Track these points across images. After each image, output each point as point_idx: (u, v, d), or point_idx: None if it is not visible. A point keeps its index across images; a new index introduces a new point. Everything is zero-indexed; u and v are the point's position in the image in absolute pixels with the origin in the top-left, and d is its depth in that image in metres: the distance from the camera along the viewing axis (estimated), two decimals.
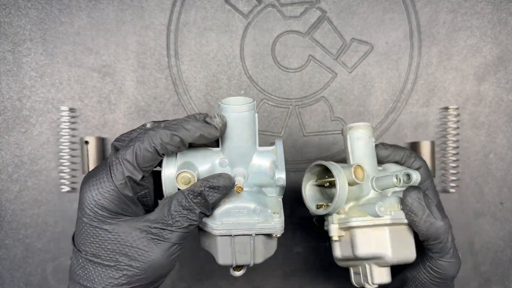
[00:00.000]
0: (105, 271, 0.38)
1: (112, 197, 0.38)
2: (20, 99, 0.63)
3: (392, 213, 0.44)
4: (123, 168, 0.39)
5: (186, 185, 0.40)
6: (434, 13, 0.64)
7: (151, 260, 0.39)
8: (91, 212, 0.39)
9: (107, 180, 0.39)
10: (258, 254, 0.44)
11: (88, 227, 0.39)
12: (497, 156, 0.65)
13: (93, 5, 0.63)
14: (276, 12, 0.64)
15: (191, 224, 0.40)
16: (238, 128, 0.41)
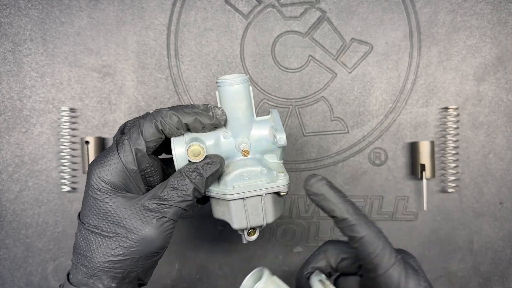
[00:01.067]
0: (104, 242, 0.41)
1: (117, 171, 0.42)
2: (21, 99, 0.63)
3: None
4: (130, 142, 0.42)
5: (196, 157, 0.44)
6: (434, 14, 0.64)
7: (145, 233, 0.41)
8: (96, 185, 0.42)
9: (113, 155, 0.42)
10: (269, 213, 0.47)
11: (92, 199, 0.42)
12: (496, 156, 0.65)
13: (93, 6, 0.63)
14: (276, 12, 0.64)
15: (185, 200, 0.42)
16: (235, 101, 0.45)
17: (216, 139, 0.46)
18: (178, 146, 0.45)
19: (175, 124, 0.43)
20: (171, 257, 0.65)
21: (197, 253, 0.66)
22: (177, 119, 0.43)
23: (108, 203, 0.42)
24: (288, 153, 0.65)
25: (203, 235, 0.66)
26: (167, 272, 0.66)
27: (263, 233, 0.66)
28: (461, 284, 0.66)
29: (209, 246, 0.65)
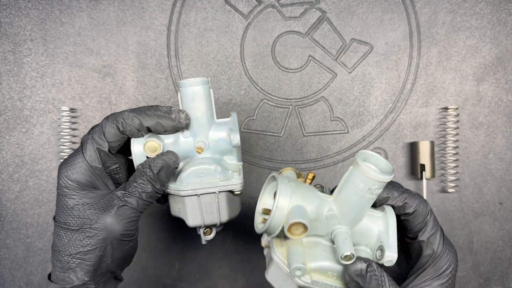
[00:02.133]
0: (73, 235, 0.43)
1: (82, 170, 0.44)
2: (21, 99, 0.63)
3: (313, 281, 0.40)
4: (93, 142, 0.45)
5: (153, 152, 0.46)
6: (434, 14, 0.64)
7: (107, 221, 0.43)
8: (63, 183, 0.44)
9: (79, 155, 0.45)
10: (223, 212, 0.48)
11: (61, 198, 0.44)
12: (496, 156, 0.65)
13: (93, 6, 0.63)
14: (276, 12, 0.64)
15: (144, 191, 0.45)
16: (194, 102, 0.47)
17: (175, 137, 0.48)
18: (137, 145, 0.46)
19: (136, 126, 0.45)
20: (171, 257, 0.65)
21: (197, 252, 0.66)
22: (138, 122, 0.45)
23: (75, 199, 0.44)
24: (288, 153, 0.65)
25: None
26: (167, 272, 0.66)
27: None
28: (461, 283, 0.66)
29: (209, 246, 0.66)
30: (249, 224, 0.66)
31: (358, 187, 0.39)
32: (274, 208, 0.39)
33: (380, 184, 0.39)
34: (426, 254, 0.43)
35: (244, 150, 0.65)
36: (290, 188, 0.40)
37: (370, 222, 0.42)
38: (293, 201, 0.39)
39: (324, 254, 0.41)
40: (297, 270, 0.39)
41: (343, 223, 0.41)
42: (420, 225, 0.43)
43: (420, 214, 0.43)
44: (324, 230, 0.41)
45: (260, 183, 0.65)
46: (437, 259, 0.43)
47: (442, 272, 0.43)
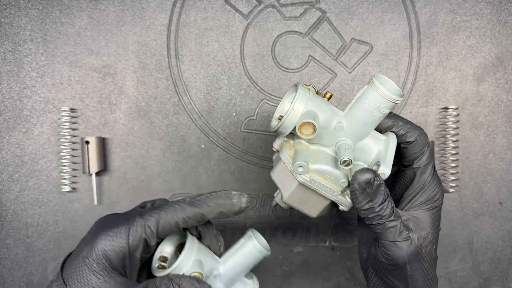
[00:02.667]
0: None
1: (121, 253, 0.41)
2: (21, 99, 0.63)
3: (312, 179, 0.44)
4: (143, 232, 0.42)
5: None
6: (434, 14, 0.64)
7: None
8: (97, 257, 0.41)
9: (124, 237, 0.42)
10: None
11: (86, 268, 0.40)
12: (496, 156, 0.65)
13: (93, 6, 0.63)
14: (276, 12, 0.64)
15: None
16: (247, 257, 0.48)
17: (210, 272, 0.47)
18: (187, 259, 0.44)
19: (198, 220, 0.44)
20: None
21: None
22: (200, 216, 0.44)
23: (100, 281, 0.40)
24: None
25: None
26: None
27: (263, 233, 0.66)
28: (461, 283, 0.66)
29: None
30: (249, 224, 0.66)
31: (369, 104, 0.43)
32: (290, 108, 0.43)
33: (389, 104, 0.43)
34: (418, 181, 0.47)
35: (244, 150, 0.65)
36: (307, 95, 0.44)
37: (372, 142, 0.46)
38: (308, 106, 0.43)
39: (326, 160, 0.45)
40: (299, 167, 0.43)
41: (348, 136, 0.45)
42: (417, 154, 0.47)
43: (419, 144, 0.47)
44: (330, 141, 0.45)
45: (260, 183, 0.65)
46: (426, 187, 0.47)
47: (430, 199, 0.47)
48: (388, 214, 0.44)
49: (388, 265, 0.46)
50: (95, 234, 0.42)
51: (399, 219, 0.45)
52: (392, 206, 0.45)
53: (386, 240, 0.44)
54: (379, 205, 0.44)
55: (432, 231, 0.47)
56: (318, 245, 0.66)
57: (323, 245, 0.66)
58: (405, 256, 0.44)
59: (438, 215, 0.48)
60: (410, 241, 0.44)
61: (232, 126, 0.65)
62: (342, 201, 0.46)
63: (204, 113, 0.65)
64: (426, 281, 0.47)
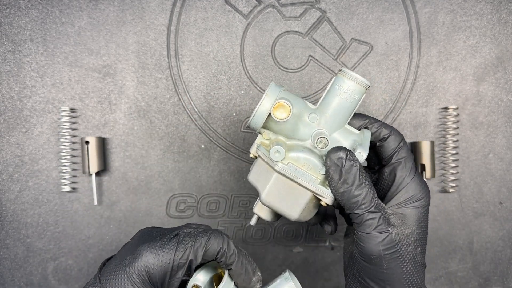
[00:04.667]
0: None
1: (164, 270, 0.40)
2: (21, 99, 0.63)
3: (290, 166, 0.44)
4: (191, 251, 0.41)
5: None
6: (434, 14, 0.64)
7: None
8: (138, 269, 0.40)
9: (170, 253, 0.41)
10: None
11: (126, 277, 0.40)
12: (496, 156, 0.65)
13: (93, 6, 0.63)
14: (276, 12, 0.64)
15: None
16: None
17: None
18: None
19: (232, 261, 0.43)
20: None
21: None
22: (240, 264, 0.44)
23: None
24: None
25: None
26: None
27: (263, 233, 0.66)
28: (461, 283, 0.66)
29: None
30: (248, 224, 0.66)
31: (341, 90, 0.45)
32: (262, 99, 0.44)
33: (360, 88, 0.45)
34: (400, 176, 0.46)
35: (244, 150, 0.65)
36: (279, 89, 0.45)
37: (347, 133, 0.46)
38: (281, 94, 0.44)
39: (303, 150, 0.45)
40: (276, 152, 0.43)
41: (323, 127, 0.46)
42: (393, 150, 0.47)
43: (393, 140, 0.47)
44: (306, 134, 0.46)
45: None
46: (410, 182, 0.46)
47: (415, 196, 0.45)
48: (367, 202, 0.42)
49: (364, 262, 0.44)
50: (140, 244, 0.41)
51: (379, 211, 0.43)
52: (373, 196, 0.43)
53: (363, 232, 0.43)
54: (356, 188, 0.42)
55: (417, 231, 0.45)
56: (318, 245, 0.66)
57: (323, 245, 0.66)
58: (380, 248, 0.42)
59: (424, 217, 0.46)
60: (387, 234, 0.43)
61: (232, 126, 0.65)
62: (322, 192, 0.44)
63: (204, 113, 0.65)
64: (406, 285, 0.44)
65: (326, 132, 0.45)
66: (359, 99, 0.46)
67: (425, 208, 0.46)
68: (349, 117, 0.46)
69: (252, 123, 0.45)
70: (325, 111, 0.46)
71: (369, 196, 0.43)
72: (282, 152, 0.43)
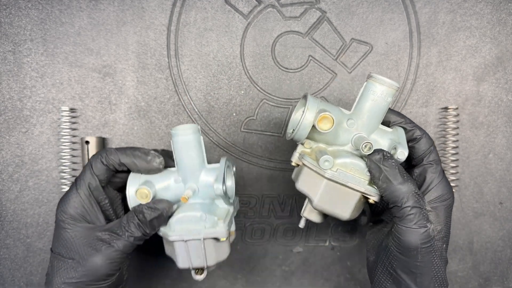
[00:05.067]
0: (62, 266, 0.47)
1: (75, 204, 0.48)
2: (21, 99, 0.63)
3: (339, 172, 0.47)
4: (83, 178, 0.49)
5: (144, 199, 0.49)
6: (434, 14, 0.64)
7: (94, 260, 0.47)
8: (59, 217, 0.48)
9: (73, 191, 0.49)
10: (210, 256, 0.50)
11: (57, 230, 0.49)
12: (496, 156, 0.65)
13: (93, 6, 0.63)
14: (276, 12, 0.64)
15: (132, 236, 0.48)
16: (184, 150, 0.49)
17: (168, 183, 0.51)
18: (131, 186, 0.50)
19: (117, 161, 0.50)
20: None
21: None
22: (118, 158, 0.50)
23: (69, 232, 0.48)
24: (288, 153, 0.65)
25: None
26: (167, 272, 0.66)
27: (263, 233, 0.66)
28: (461, 283, 0.66)
29: None
30: (249, 224, 0.66)
31: (374, 94, 0.47)
32: (304, 112, 0.46)
33: (392, 91, 0.48)
34: (431, 177, 0.49)
35: (244, 150, 0.65)
36: (317, 100, 0.48)
37: (382, 134, 0.49)
38: (320, 106, 0.47)
39: (347, 154, 0.48)
40: (326, 161, 0.46)
41: (361, 130, 0.48)
42: (425, 152, 0.50)
43: (425, 142, 0.50)
44: (346, 138, 0.49)
45: (260, 183, 0.65)
46: (439, 182, 0.48)
47: (444, 195, 0.48)
48: (410, 198, 0.45)
49: (399, 254, 0.46)
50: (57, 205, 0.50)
51: (421, 207, 0.45)
52: (415, 191, 0.46)
53: (403, 226, 0.45)
54: (398, 184, 0.45)
55: (445, 229, 0.48)
56: (318, 245, 0.66)
57: (323, 245, 0.66)
58: (418, 242, 0.45)
59: (450, 215, 0.49)
60: (426, 229, 0.45)
61: (232, 126, 0.65)
62: (370, 191, 0.47)
63: (204, 113, 0.65)
64: (435, 279, 0.47)
65: (365, 135, 0.48)
66: (391, 100, 0.49)
67: (451, 207, 0.49)
68: (382, 118, 0.50)
69: (296, 136, 0.48)
70: (361, 116, 0.48)
71: (412, 191, 0.45)
72: (331, 161, 0.47)
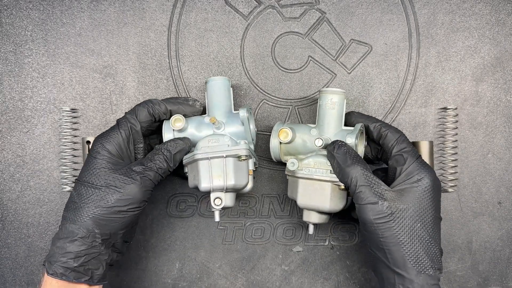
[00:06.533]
0: (95, 193, 0.50)
1: (115, 142, 0.53)
2: (22, 99, 0.64)
3: (306, 169, 0.55)
4: (127, 121, 0.54)
5: (177, 123, 0.55)
6: (433, 14, 0.64)
7: (131, 187, 0.50)
8: (98, 149, 0.52)
9: (115, 130, 0.54)
10: (229, 176, 0.53)
11: (92, 160, 0.52)
12: (495, 156, 0.66)
13: (94, 6, 0.63)
14: (276, 13, 0.64)
15: (160, 167, 0.53)
16: (216, 93, 0.57)
17: (199, 120, 0.58)
18: (166, 129, 0.57)
19: (162, 110, 0.56)
20: (172, 256, 0.66)
21: (197, 252, 0.66)
22: (164, 106, 0.56)
23: (104, 163, 0.52)
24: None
25: (204, 235, 0.66)
26: (167, 271, 0.66)
27: (263, 232, 0.66)
28: (460, 283, 0.66)
29: (209, 245, 0.66)
30: (249, 223, 0.66)
31: (325, 104, 0.56)
32: (272, 135, 0.58)
33: (338, 96, 0.56)
34: (400, 164, 0.52)
35: None
36: (282, 124, 0.59)
37: (344, 132, 0.56)
38: (282, 127, 0.56)
39: (311, 155, 0.57)
40: (291, 163, 0.56)
41: (325, 135, 0.56)
42: (392, 144, 0.53)
43: (392, 134, 0.54)
44: (314, 146, 0.55)
45: (260, 183, 0.66)
46: (408, 167, 0.51)
47: (411, 178, 0.51)
48: (358, 179, 0.49)
49: (364, 231, 0.51)
50: (94, 139, 0.54)
51: (368, 185, 0.49)
52: (363, 173, 0.50)
53: (356, 203, 0.50)
54: (347, 167, 0.50)
55: (414, 208, 0.49)
56: (317, 245, 0.67)
57: (323, 244, 0.66)
58: (371, 217, 0.49)
59: (425, 196, 0.50)
60: (376, 205, 0.48)
61: None
62: (334, 178, 0.54)
63: None
64: (409, 257, 0.48)
65: (327, 137, 0.56)
66: (343, 104, 0.56)
67: (426, 188, 0.50)
68: (341, 120, 0.57)
69: (275, 156, 0.59)
70: (322, 124, 0.57)
71: (360, 173, 0.50)
72: (295, 163, 0.56)
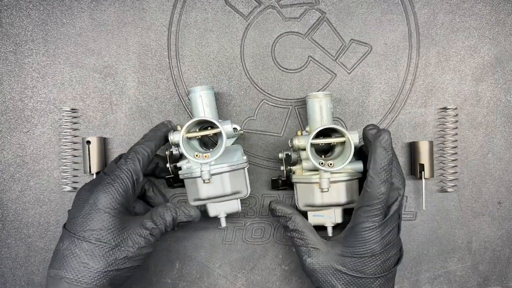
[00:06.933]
0: (110, 250, 0.50)
1: (121, 196, 0.53)
2: (22, 99, 0.64)
3: (297, 176, 0.60)
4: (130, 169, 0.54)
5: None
6: (433, 14, 0.64)
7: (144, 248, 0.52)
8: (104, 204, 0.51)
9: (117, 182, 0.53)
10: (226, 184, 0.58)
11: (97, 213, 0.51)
12: (495, 156, 0.66)
13: (94, 6, 0.63)
14: (276, 13, 0.64)
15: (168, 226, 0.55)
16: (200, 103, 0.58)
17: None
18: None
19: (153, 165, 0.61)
20: (172, 256, 0.66)
21: (197, 252, 0.66)
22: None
23: (114, 219, 0.51)
24: None
25: (203, 235, 0.66)
26: (167, 271, 0.66)
27: (263, 232, 0.66)
28: (460, 283, 0.66)
29: (209, 245, 0.66)
30: (249, 223, 0.66)
31: (312, 104, 0.59)
32: None
33: (325, 98, 0.59)
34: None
35: (244, 150, 0.65)
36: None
37: None
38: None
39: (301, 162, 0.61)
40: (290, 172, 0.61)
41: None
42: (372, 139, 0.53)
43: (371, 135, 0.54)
44: None
45: (260, 183, 0.66)
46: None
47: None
48: None
49: None
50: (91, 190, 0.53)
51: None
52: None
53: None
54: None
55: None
56: None
57: None
58: None
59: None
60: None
61: None
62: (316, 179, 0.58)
63: None
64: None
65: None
66: (330, 105, 0.60)
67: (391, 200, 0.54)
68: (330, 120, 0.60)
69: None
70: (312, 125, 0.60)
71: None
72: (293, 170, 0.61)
